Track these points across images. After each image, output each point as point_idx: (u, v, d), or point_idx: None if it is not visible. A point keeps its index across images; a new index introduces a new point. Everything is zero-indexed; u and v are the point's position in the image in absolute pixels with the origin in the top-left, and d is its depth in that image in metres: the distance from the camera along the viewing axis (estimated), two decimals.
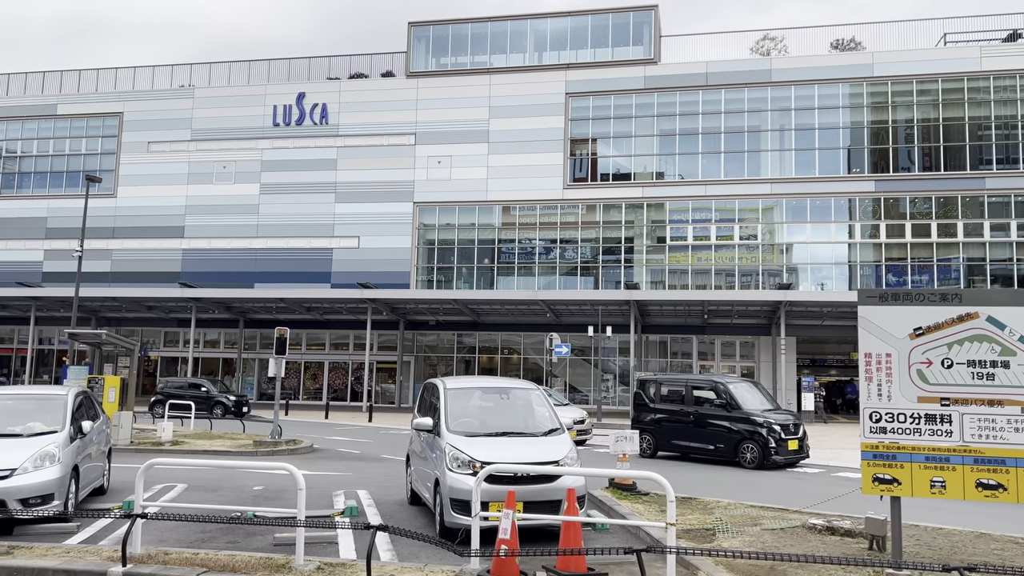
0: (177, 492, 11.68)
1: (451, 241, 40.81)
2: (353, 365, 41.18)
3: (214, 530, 8.76)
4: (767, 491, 12.42)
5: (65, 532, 8.67)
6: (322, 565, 6.60)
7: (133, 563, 6.52)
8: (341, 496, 11.44)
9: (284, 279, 40.79)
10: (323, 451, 18.60)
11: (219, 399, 31.31)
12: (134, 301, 39.32)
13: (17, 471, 8.61)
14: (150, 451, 17.51)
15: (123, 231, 43.09)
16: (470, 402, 9.69)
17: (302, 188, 41.68)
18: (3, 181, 45.45)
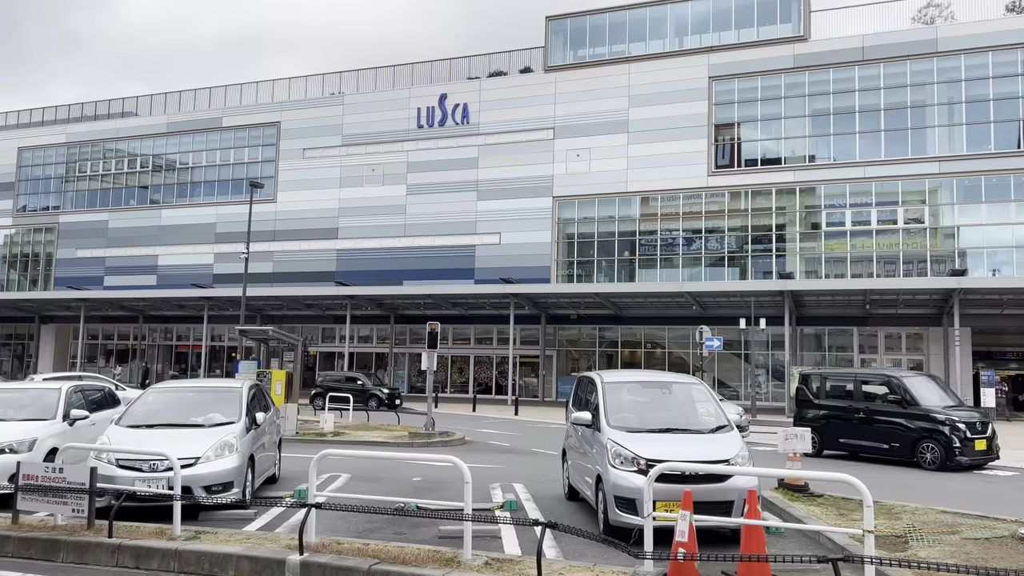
0: (342, 482, 12.09)
1: (591, 234, 40.46)
2: (497, 359, 41.72)
3: (380, 521, 8.93)
4: (956, 495, 11.31)
5: (243, 519, 9.11)
6: (490, 560, 6.51)
7: (309, 552, 6.69)
8: (498, 489, 11.44)
9: (430, 276, 41.91)
10: (475, 443, 18.83)
11: (374, 392, 32.55)
12: (294, 299, 41.65)
13: (201, 459, 9.13)
14: (314, 441, 18.37)
15: (283, 234, 45.77)
16: (629, 396, 9.38)
17: (445, 187, 42.64)
18: (178, 191, 49.42)
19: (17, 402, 11.34)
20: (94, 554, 7.22)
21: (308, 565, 6.48)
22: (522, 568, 6.32)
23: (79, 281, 49.67)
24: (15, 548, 7.51)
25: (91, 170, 52.04)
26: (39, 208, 53.42)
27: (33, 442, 10.15)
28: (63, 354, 51.08)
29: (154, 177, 50.18)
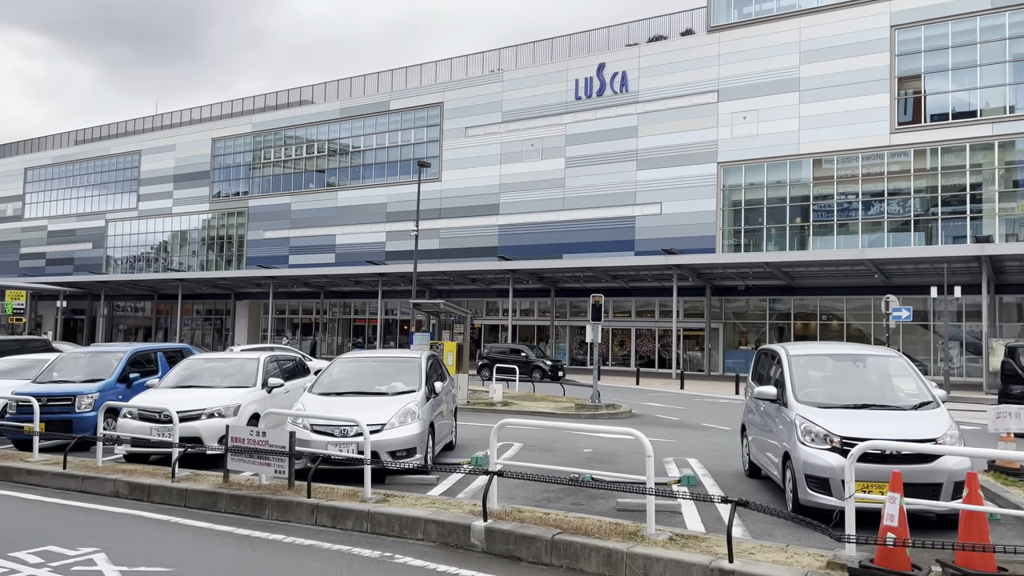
0: (515, 451, 12.30)
1: (759, 201, 38.63)
2: (659, 332, 41.01)
3: (557, 491, 8.98)
4: None
5: (426, 484, 9.47)
6: (674, 536, 6.34)
7: (493, 518, 6.81)
8: (672, 463, 11.20)
9: (590, 249, 41.76)
10: (642, 416, 18.59)
11: (537, 363, 32.99)
12: (459, 274, 42.92)
13: (386, 426, 9.55)
14: (484, 411, 18.87)
15: (448, 211, 47.19)
16: (818, 370, 8.81)
17: (604, 158, 42.18)
18: (351, 173, 52.15)
19: (222, 371, 12.39)
20: (295, 512, 7.75)
21: (492, 532, 6.59)
22: (709, 545, 6.10)
23: (267, 260, 53.85)
24: (227, 504, 8.20)
25: (274, 157, 55.97)
26: (231, 194, 58.19)
27: (238, 408, 11.05)
28: (255, 328, 55.67)
29: (330, 161, 53.20)
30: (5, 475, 10.08)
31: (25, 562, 6.18)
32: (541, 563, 6.24)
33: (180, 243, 61.20)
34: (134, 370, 13.65)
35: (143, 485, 8.87)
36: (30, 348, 17.83)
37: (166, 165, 61.29)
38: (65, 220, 67.67)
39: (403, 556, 6.45)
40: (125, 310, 64.69)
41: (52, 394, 12.30)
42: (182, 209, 60.46)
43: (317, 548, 6.74)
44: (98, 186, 65.71)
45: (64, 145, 70.54)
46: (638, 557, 5.86)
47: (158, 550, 6.65)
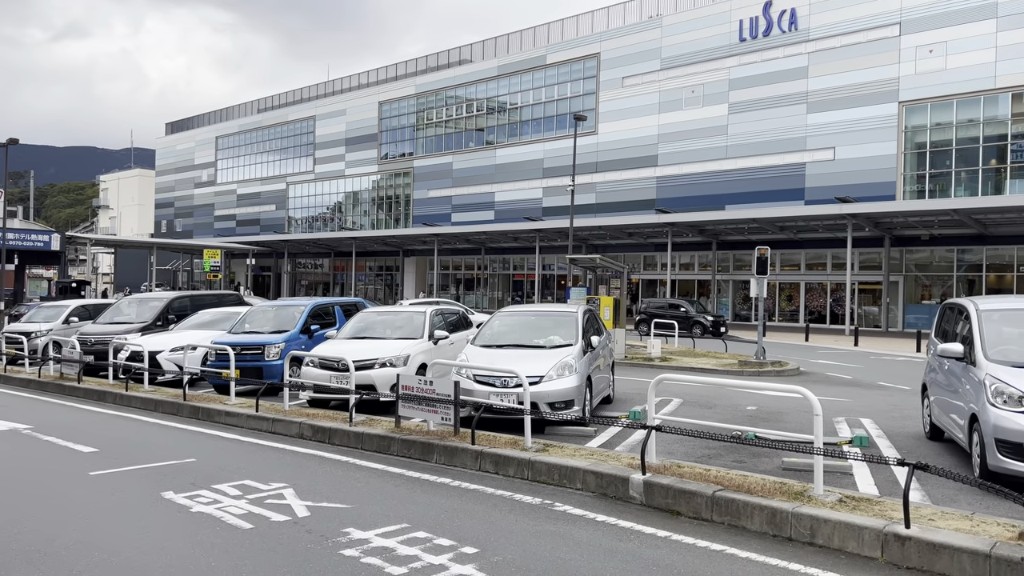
0: (673, 406, 12.18)
1: (946, 143, 35.25)
2: (831, 286, 38.79)
3: (718, 447, 8.83)
4: None
5: (584, 436, 9.61)
6: (844, 498, 6.07)
7: (651, 472, 6.82)
8: (844, 423, 10.68)
9: (754, 199, 39.98)
10: (810, 374, 17.78)
11: (697, 319, 32.27)
12: (616, 229, 42.52)
13: (544, 378, 9.75)
14: (642, 366, 18.77)
15: (604, 164, 46.70)
16: (1012, 326, 8.00)
17: (770, 102, 39.98)
18: (509, 130, 52.71)
19: (392, 324, 13.11)
20: (460, 458, 8.13)
21: (651, 485, 6.60)
22: (882, 509, 5.79)
23: (431, 218, 55.91)
24: (398, 448, 8.73)
25: (436, 117, 57.58)
26: (396, 155, 60.63)
27: (407, 358, 11.66)
28: (422, 283, 58.20)
29: (488, 119, 54.01)
30: (208, 416, 11.26)
31: (226, 493, 6.92)
32: (701, 519, 6.19)
33: (352, 203, 64.71)
34: (314, 322, 14.72)
35: (324, 428, 9.61)
36: (225, 302, 19.62)
37: (338, 129, 64.70)
38: (251, 184, 73.38)
39: (562, 504, 6.62)
40: (306, 267, 69.60)
41: (245, 344, 13.53)
42: (353, 171, 63.76)
43: (481, 492, 7.05)
44: (278, 151, 70.56)
45: (248, 114, 76.13)
46: (804, 518, 5.67)
47: (338, 488, 7.21)
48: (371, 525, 5.92)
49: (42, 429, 10.45)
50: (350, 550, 5.35)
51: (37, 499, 6.81)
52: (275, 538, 5.65)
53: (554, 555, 5.31)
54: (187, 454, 8.76)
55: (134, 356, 14.28)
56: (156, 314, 17.60)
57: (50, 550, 5.42)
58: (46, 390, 14.81)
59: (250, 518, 6.14)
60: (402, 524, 5.95)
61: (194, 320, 16.57)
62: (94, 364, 15.50)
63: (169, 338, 15.16)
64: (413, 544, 5.46)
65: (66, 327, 19.40)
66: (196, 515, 6.27)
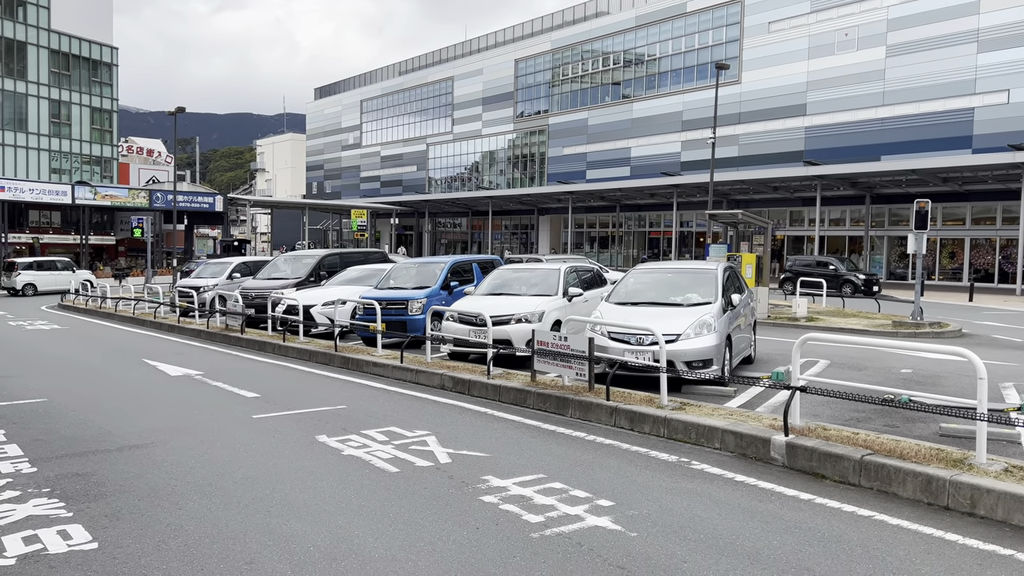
0: (820, 368, 11.67)
1: None
2: (1000, 242, 35.62)
3: (868, 411, 8.41)
4: None
5: (723, 395, 9.40)
6: (1010, 467, 5.63)
7: (794, 434, 6.59)
8: (1011, 389, 9.87)
9: (913, 148, 37.16)
10: (975, 336, 16.49)
11: (848, 277, 30.60)
12: (760, 183, 40.77)
13: (681, 336, 9.58)
14: (786, 326, 18.07)
15: (747, 115, 44.71)
16: None
17: (935, 43, 36.75)
18: (646, 83, 51.41)
19: (528, 280, 13.27)
20: (595, 413, 8.17)
21: (794, 447, 6.39)
22: None
23: (565, 176, 55.74)
24: (534, 401, 8.90)
25: (572, 73, 56.98)
26: (532, 113, 60.65)
27: (542, 314, 11.80)
28: (556, 241, 58.41)
29: (625, 72, 52.87)
30: (357, 366, 11.90)
31: (374, 439, 7.32)
32: (848, 483, 5.93)
33: (489, 163, 65.57)
34: (454, 279, 15.16)
35: (464, 380, 9.93)
36: (371, 259, 20.53)
37: (475, 89, 65.44)
38: (393, 146, 75.84)
39: (700, 463, 6.53)
40: (445, 225, 71.51)
41: (390, 299, 14.14)
42: (490, 130, 64.44)
43: (616, 447, 7.08)
44: (419, 112, 72.38)
45: (390, 77, 78.40)
46: (964, 486, 5.32)
47: (477, 437, 7.46)
48: (509, 474, 6.09)
49: (211, 375, 11.42)
50: (489, 496, 5.54)
51: (209, 438, 7.48)
52: (419, 482, 5.93)
53: (690, 512, 5.27)
54: (338, 401, 9.32)
55: (290, 309, 15.26)
56: (309, 271, 18.68)
57: (220, 484, 5.96)
58: (214, 340, 16.13)
59: (396, 462, 6.48)
60: (538, 474, 6.08)
61: (343, 276, 17.46)
62: (255, 316, 16.70)
63: (321, 293, 16.08)
64: (549, 494, 5.58)
65: (229, 282, 20.98)
66: (347, 458, 6.68)
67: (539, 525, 4.97)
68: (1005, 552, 4.57)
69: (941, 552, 4.60)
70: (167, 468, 6.40)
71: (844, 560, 4.45)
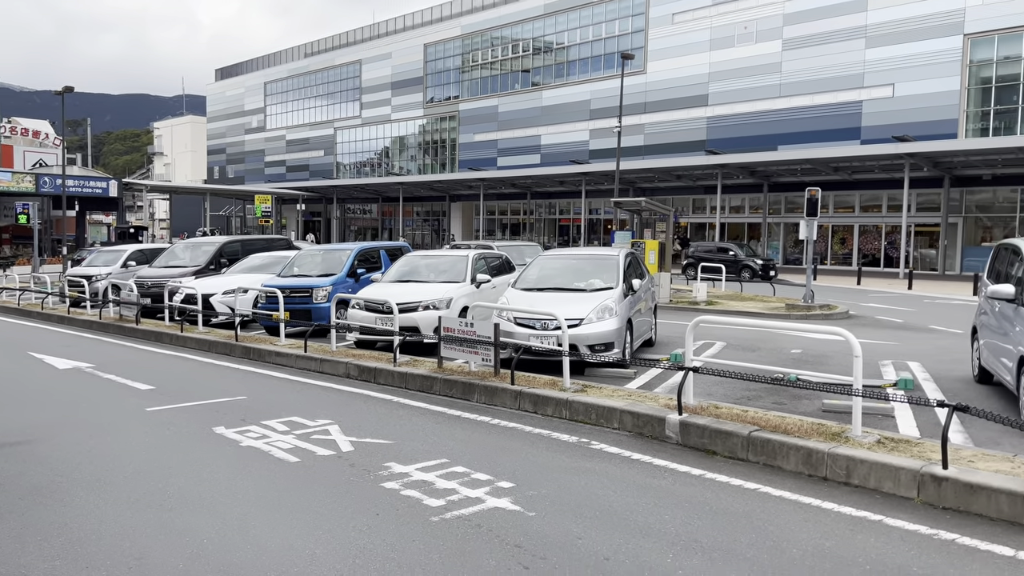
0: (716, 349, 12.14)
1: (1014, 77, 33.62)
2: (886, 228, 37.77)
3: (758, 389, 8.82)
4: None
5: (623, 377, 9.67)
6: (882, 439, 6.04)
7: (688, 413, 6.86)
8: (890, 367, 10.54)
9: (808, 139, 38.86)
10: (860, 318, 17.49)
11: (746, 262, 31.83)
12: (664, 171, 41.85)
13: (584, 321, 9.80)
14: (687, 309, 18.67)
15: (653, 105, 45.74)
16: None
17: (827, 37, 38.49)
18: (555, 71, 51.85)
19: (436, 267, 13.25)
20: (500, 397, 8.28)
21: (687, 425, 6.65)
22: (921, 450, 5.75)
23: (477, 163, 55.73)
24: (440, 387, 8.93)
25: (482, 59, 56.88)
26: (442, 98, 60.25)
27: (450, 301, 11.82)
28: (469, 228, 58.39)
29: (534, 60, 53.15)
30: (259, 356, 11.63)
31: (274, 429, 7.19)
32: (736, 458, 6.23)
33: (399, 148, 64.82)
34: (361, 266, 14.97)
35: (370, 368, 9.86)
36: (275, 246, 20.02)
37: (384, 73, 64.47)
38: (300, 130, 73.93)
39: (599, 443, 6.72)
40: (355, 212, 70.34)
41: (294, 287, 13.85)
42: (400, 115, 63.68)
43: (520, 430, 7.20)
44: (326, 96, 70.76)
45: (296, 59, 76.26)
46: (840, 458, 5.67)
47: (382, 424, 7.44)
48: (412, 460, 6.11)
49: (103, 367, 10.94)
50: (391, 483, 5.54)
51: (98, 433, 7.18)
52: (320, 471, 5.88)
53: (587, 490, 5.43)
54: (238, 392, 9.09)
55: (188, 299, 14.75)
56: (209, 258, 18.07)
57: (109, 479, 5.74)
58: (107, 331, 15.43)
59: (296, 452, 6.39)
60: (441, 459, 6.12)
61: (245, 264, 16.98)
62: (151, 306, 16.07)
63: (221, 281, 15.59)
64: (451, 478, 5.64)
65: (124, 271, 20.07)
66: (245, 449, 6.55)
67: (439, 509, 5.02)
68: (875, 518, 4.91)
69: (818, 520, 4.90)
70: (52, 464, 6.12)
71: (729, 531, 4.68)
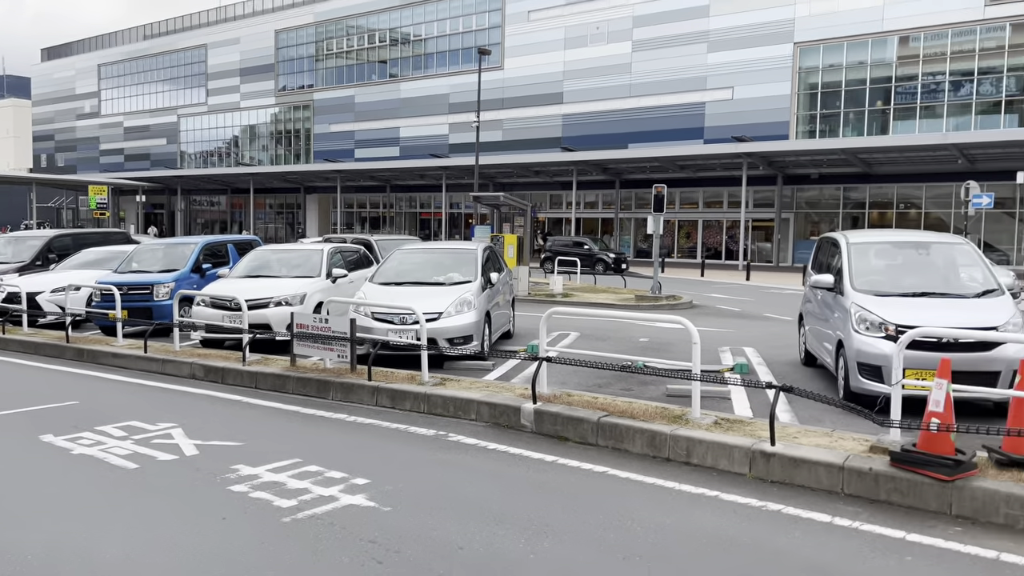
0: (571, 339, 12.52)
1: (837, 84, 36.65)
2: (727, 223, 40.20)
3: (609, 377, 9.18)
4: None
5: (482, 369, 9.79)
6: (719, 420, 6.46)
7: (542, 401, 7.05)
8: (728, 352, 11.25)
9: (657, 138, 40.64)
10: (703, 307, 18.55)
11: (600, 256, 32.96)
12: (522, 167, 42.54)
13: (443, 314, 9.83)
14: (545, 302, 19.09)
15: (510, 101, 46.34)
16: (878, 258, 8.59)
17: (673, 41, 40.38)
18: (414, 64, 51.41)
19: (289, 262, 12.82)
20: (357, 394, 8.16)
21: (541, 413, 6.83)
22: (753, 429, 6.21)
23: (334, 154, 54.38)
24: (294, 386, 8.68)
25: (337, 48, 55.48)
26: (296, 87, 58.28)
27: (304, 296, 11.49)
28: (325, 221, 56.90)
29: (392, 51, 52.46)
30: (93, 358, 10.84)
31: (110, 435, 6.74)
32: (587, 443, 6.46)
33: (250, 138, 62.14)
34: (207, 261, 14.24)
35: (217, 368, 9.43)
36: (111, 240, 18.68)
37: (232, 59, 61.54)
38: (139, 116, 69.27)
39: (456, 435, 6.77)
40: (201, 204, 66.77)
41: (132, 283, 13.00)
42: (250, 103, 61.05)
43: (377, 427, 7.13)
44: (169, 81, 66.67)
45: (133, 40, 71.29)
46: (681, 439, 6.01)
47: (230, 426, 7.14)
48: (262, 461, 5.91)
49: None
50: (239, 486, 5.34)
51: None
52: (161, 477, 5.57)
53: (444, 482, 5.46)
54: (69, 397, 8.44)
55: (11, 297, 13.50)
56: (35, 253, 16.63)
57: None
58: None
59: (135, 458, 6.02)
60: (294, 459, 5.96)
61: (77, 260, 15.75)
62: None
63: (50, 278, 14.39)
64: (304, 478, 5.50)
65: None
66: (77, 457, 6.10)
67: (291, 509, 4.89)
68: (711, 494, 5.25)
69: (660, 498, 5.18)
70: None
71: (579, 513, 4.86)
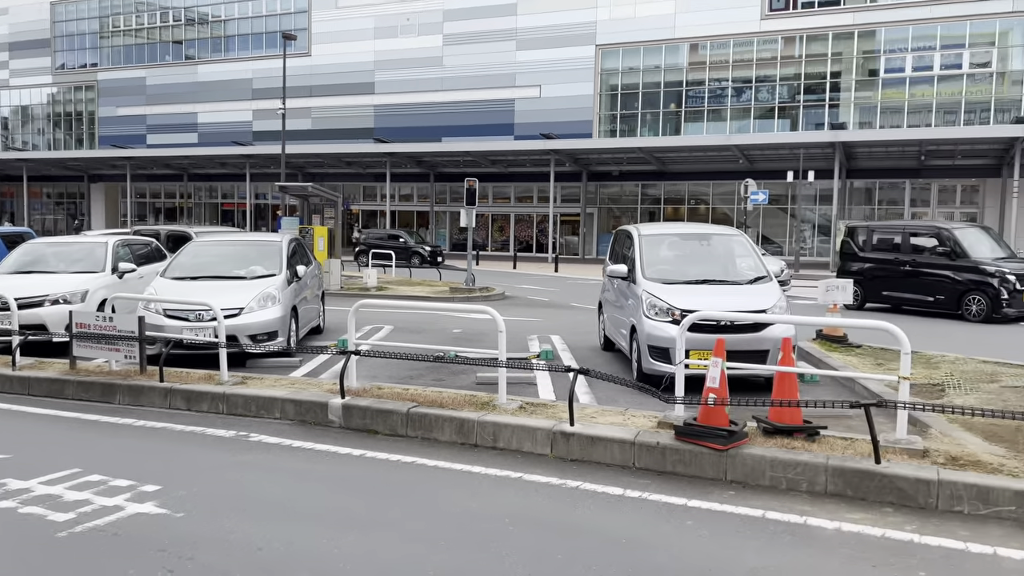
0: (385, 333, 12.41)
1: (635, 86, 38.99)
2: (537, 217, 41.57)
3: (421, 368, 9.20)
4: (999, 346, 11.19)
5: (289, 366, 9.46)
6: (524, 404, 6.68)
7: (351, 396, 6.93)
8: (535, 340, 11.65)
9: (469, 132, 41.17)
10: (514, 298, 19.08)
11: (416, 249, 32.92)
12: (333, 157, 41.49)
13: (244, 310, 9.38)
14: (358, 295, 18.76)
15: (319, 89, 44.99)
16: (666, 249, 9.26)
17: (483, 37, 41.04)
18: (212, 46, 48.45)
19: (68, 256, 11.66)
20: (148, 396, 7.60)
21: (349, 408, 6.72)
22: (555, 411, 6.48)
23: (122, 140, 50.09)
24: (74, 391, 7.93)
25: (125, 24, 51.11)
26: (77, 66, 53.07)
27: (85, 293, 10.51)
28: (114, 213, 52.35)
29: (188, 31, 49.14)
30: None
31: None
32: (397, 435, 6.45)
33: (22, 120, 55.83)
34: None
35: None
36: None
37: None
38: None
39: (259, 435, 6.50)
40: None
41: None
42: (21, 81, 54.81)
43: (170, 430, 6.69)
44: None
45: None
46: (488, 425, 6.16)
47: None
48: (34, 474, 5.35)
49: None
50: (6, 502, 4.81)
51: None
52: None
53: (243, 484, 5.23)
54: None
55: None
56: None
57: None
58: None
59: None
60: (73, 469, 5.45)
61: None
62: None
63: None
64: (84, 488, 5.05)
65: None
66: None
67: (68, 523, 4.47)
68: (516, 475, 5.42)
69: (467, 483, 5.27)
70: None
71: (384, 505, 4.84)
